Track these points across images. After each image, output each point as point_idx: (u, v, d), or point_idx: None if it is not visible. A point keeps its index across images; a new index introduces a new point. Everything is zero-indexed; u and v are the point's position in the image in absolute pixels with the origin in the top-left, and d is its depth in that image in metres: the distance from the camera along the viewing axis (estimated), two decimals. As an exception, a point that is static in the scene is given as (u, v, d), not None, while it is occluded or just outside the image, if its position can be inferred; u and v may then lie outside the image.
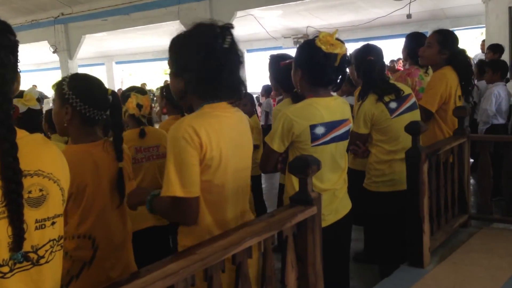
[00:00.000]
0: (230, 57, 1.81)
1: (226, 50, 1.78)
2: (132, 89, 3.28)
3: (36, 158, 1.31)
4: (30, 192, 1.26)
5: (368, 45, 3.37)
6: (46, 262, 1.31)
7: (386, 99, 3.07)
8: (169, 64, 1.91)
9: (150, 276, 1.34)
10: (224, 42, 1.77)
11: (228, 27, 1.81)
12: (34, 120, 2.53)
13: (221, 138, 1.79)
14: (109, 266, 2.10)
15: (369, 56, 3.17)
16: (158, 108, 4.16)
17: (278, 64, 3.17)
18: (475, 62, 7.00)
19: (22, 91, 2.51)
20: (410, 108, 3.16)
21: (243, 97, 2.00)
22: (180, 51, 1.85)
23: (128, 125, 3.27)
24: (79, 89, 2.07)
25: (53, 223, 1.33)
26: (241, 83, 1.89)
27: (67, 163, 1.44)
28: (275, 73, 3.28)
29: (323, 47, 2.36)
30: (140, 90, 3.29)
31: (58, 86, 2.09)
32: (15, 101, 2.44)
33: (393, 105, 3.07)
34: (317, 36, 2.40)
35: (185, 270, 1.41)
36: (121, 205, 2.17)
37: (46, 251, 1.31)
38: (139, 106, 3.12)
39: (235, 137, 1.87)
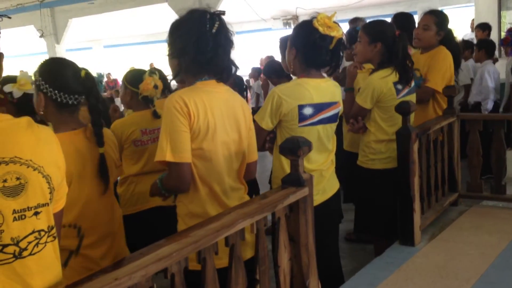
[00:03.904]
0: (218, 41, 1.95)
1: (215, 34, 1.93)
2: (140, 71, 3.21)
3: (13, 144, 1.23)
4: (5, 180, 1.19)
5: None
6: (30, 254, 1.24)
7: (395, 78, 3.01)
8: (167, 46, 2.08)
9: (143, 260, 1.35)
10: (213, 28, 1.93)
11: (218, 14, 1.97)
12: (31, 104, 2.48)
13: (209, 110, 1.92)
14: (98, 255, 2.04)
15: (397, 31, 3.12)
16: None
17: None
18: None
19: (15, 77, 2.45)
20: (411, 91, 3.15)
21: (232, 77, 2.10)
22: (174, 35, 2.00)
23: (132, 107, 3.22)
24: (48, 74, 1.99)
25: (36, 213, 1.26)
26: (231, 64, 2.03)
27: (59, 148, 1.38)
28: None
29: (320, 29, 2.36)
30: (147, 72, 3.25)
31: (34, 73, 2.03)
32: (10, 87, 2.38)
33: (399, 86, 3.05)
34: (315, 17, 2.40)
35: (178, 253, 1.42)
36: (106, 192, 2.09)
37: (29, 243, 1.24)
38: (156, 87, 3.11)
39: (225, 111, 1.98)
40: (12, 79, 2.42)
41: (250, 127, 2.13)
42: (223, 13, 1.98)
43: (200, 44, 1.92)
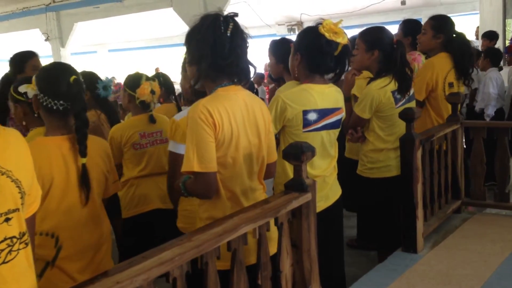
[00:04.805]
0: (235, 43, 1.94)
1: (230, 37, 1.92)
2: (139, 75, 3.20)
3: None
4: None
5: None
6: (4, 262, 1.20)
7: (394, 87, 3.00)
8: (185, 54, 2.09)
9: (145, 263, 1.35)
10: (227, 30, 1.92)
11: (231, 16, 1.96)
12: None
13: (232, 118, 1.93)
14: (75, 269, 1.97)
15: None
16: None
17: (286, 46, 3.02)
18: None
19: (30, 77, 2.45)
20: (411, 99, 3.15)
21: (250, 78, 2.10)
22: (191, 42, 2.00)
23: (130, 111, 3.26)
24: (39, 78, 2.00)
25: (7, 220, 1.21)
26: (250, 65, 2.02)
27: (28, 151, 1.35)
28: (282, 55, 3.10)
29: (326, 34, 2.37)
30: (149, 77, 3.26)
31: None
32: (24, 87, 2.38)
33: (398, 95, 3.03)
34: (320, 23, 2.40)
35: (180, 257, 1.41)
36: (87, 203, 2.01)
37: (2, 250, 1.20)
38: (153, 92, 3.13)
39: (246, 116, 1.99)
40: (26, 80, 2.42)
41: (269, 129, 2.13)
42: (237, 15, 1.98)
43: (217, 47, 1.92)
